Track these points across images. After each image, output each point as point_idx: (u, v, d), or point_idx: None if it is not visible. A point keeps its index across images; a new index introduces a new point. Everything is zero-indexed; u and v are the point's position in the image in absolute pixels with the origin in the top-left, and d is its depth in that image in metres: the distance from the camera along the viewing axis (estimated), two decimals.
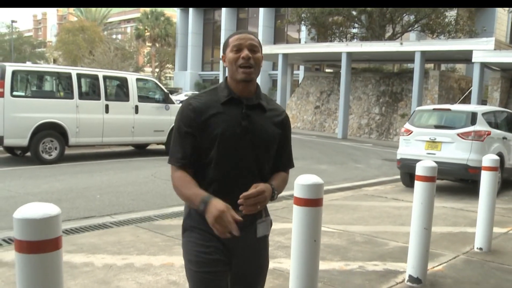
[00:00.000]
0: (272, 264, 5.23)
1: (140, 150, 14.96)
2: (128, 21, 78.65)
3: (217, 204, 2.25)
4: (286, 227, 6.57)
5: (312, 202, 3.44)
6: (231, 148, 2.43)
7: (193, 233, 2.49)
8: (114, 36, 67.23)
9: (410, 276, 4.89)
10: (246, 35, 2.50)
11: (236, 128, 2.43)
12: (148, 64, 65.25)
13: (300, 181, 3.45)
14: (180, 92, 43.50)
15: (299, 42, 42.51)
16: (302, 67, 35.24)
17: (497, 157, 6.40)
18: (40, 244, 2.05)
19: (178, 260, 5.27)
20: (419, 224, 4.87)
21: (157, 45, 57.66)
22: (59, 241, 2.12)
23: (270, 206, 7.61)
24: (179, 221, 6.81)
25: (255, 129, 2.48)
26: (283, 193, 8.88)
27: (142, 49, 64.60)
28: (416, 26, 29.55)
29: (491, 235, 6.30)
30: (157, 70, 62.20)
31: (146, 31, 56.74)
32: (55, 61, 58.87)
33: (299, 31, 39.79)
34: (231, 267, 2.53)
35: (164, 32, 56.19)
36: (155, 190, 9.20)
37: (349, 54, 23.53)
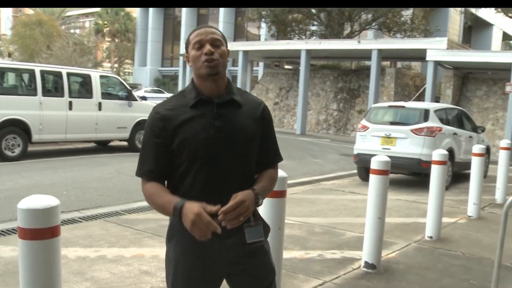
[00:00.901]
0: None
1: (103, 147, 15.06)
2: (87, 15, 77.61)
3: (192, 207, 2.13)
4: None
5: (277, 193, 3.77)
6: (208, 152, 2.27)
7: (179, 243, 2.34)
8: (72, 31, 66.28)
9: (365, 262, 5.29)
10: (206, 30, 2.34)
11: (209, 130, 2.27)
12: (107, 60, 64.56)
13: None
14: (140, 88, 43.26)
15: (259, 38, 42.87)
16: (261, 64, 35.59)
17: (446, 152, 6.86)
18: (42, 232, 2.35)
19: (148, 251, 5.56)
20: (373, 214, 5.26)
21: (117, 40, 57.09)
22: (58, 229, 2.42)
23: None
24: (145, 215, 7.12)
25: (231, 128, 2.31)
26: None
27: (101, 44, 63.92)
28: (373, 24, 30.23)
29: (440, 225, 6.76)
30: (116, 65, 61.68)
31: (105, 26, 56.13)
32: (10, 56, 57.77)
33: (259, 28, 40.12)
34: (227, 279, 2.45)
35: (124, 27, 55.67)
36: (120, 185, 9.40)
37: (308, 51, 23.97)
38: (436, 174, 6.70)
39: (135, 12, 55.46)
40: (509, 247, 6.51)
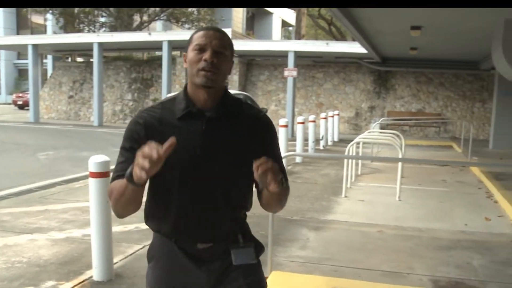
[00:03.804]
0: (64, 235, 6.32)
1: None
2: None
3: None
4: (70, 206, 7.65)
5: (103, 174, 4.69)
6: (192, 174, 2.05)
7: (159, 265, 2.21)
8: None
9: None
10: (214, 33, 2.07)
11: (195, 149, 2.04)
12: None
13: (93, 160, 4.68)
14: None
15: (45, 29, 41.69)
16: (50, 56, 34.82)
17: None
18: None
19: None
20: None
21: None
22: None
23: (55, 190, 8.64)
24: None
25: (220, 149, 2.07)
26: (79, 174, 9.89)
27: None
28: (162, 15, 31.22)
29: None
30: None
31: None
32: None
33: (45, 19, 39.05)
34: None
35: None
36: None
37: (101, 44, 24.22)
38: None
39: None
40: (294, 205, 8.06)
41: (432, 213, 8.09)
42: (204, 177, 2.06)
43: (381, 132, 12.75)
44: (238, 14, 42.96)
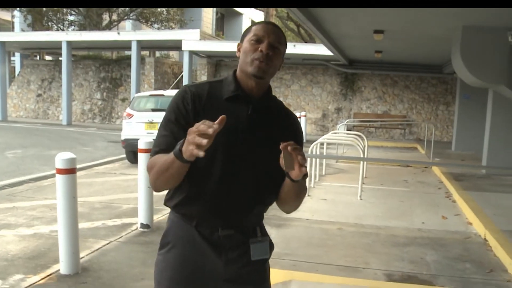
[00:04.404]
0: (32, 231, 6.44)
1: None
2: None
3: None
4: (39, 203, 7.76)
5: (69, 170, 4.85)
6: (231, 156, 2.05)
7: (170, 254, 2.18)
8: None
9: (141, 223, 6.57)
10: (272, 27, 2.12)
11: (237, 133, 2.06)
12: None
13: (60, 157, 4.84)
14: None
15: (13, 26, 41.20)
16: (18, 54, 34.52)
17: None
18: None
19: None
20: (145, 185, 6.52)
21: None
22: None
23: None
24: None
25: (261, 136, 2.11)
26: (47, 173, 9.92)
27: None
28: (131, 14, 31.15)
29: None
30: None
31: None
32: None
33: (13, 16, 38.64)
34: None
35: None
36: None
37: (69, 42, 24.14)
38: None
39: None
40: None
41: (391, 211, 8.39)
42: (240, 161, 2.07)
43: (345, 133, 13.07)
44: (208, 15, 42.97)
